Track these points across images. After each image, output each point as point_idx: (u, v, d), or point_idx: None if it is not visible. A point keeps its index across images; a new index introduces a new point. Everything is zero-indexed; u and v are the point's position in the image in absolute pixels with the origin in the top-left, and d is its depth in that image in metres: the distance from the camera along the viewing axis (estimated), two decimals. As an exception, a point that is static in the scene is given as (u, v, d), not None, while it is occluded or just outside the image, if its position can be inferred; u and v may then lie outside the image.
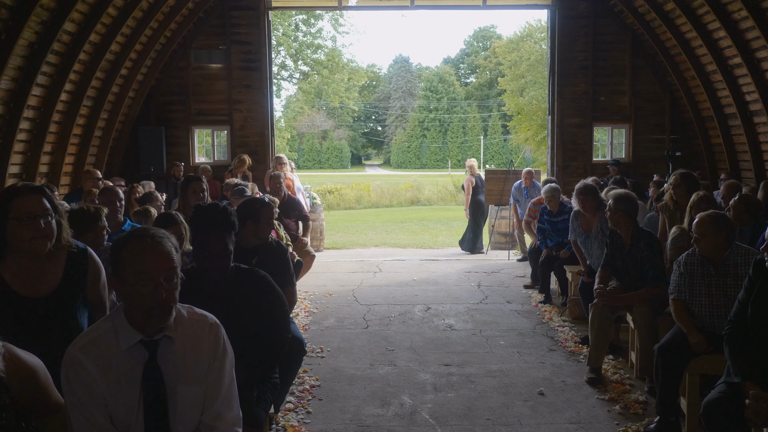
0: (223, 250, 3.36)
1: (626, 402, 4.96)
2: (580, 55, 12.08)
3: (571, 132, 12.23)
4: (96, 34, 9.55)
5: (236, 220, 3.53)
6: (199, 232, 3.40)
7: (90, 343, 2.36)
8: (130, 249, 2.36)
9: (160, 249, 2.37)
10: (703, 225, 4.34)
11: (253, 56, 12.11)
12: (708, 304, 4.40)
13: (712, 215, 4.37)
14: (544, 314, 7.63)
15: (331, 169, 65.81)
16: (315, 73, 31.43)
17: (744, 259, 4.29)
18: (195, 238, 3.45)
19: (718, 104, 10.89)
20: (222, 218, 3.39)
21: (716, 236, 4.29)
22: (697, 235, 4.37)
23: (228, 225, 3.41)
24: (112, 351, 2.36)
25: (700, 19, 10.12)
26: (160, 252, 2.37)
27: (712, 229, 4.30)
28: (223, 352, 2.55)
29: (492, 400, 5.07)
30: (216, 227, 3.37)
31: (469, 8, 13.46)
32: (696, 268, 4.47)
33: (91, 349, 2.35)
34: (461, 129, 70.12)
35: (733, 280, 4.28)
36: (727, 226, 4.33)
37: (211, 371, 2.51)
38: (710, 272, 4.39)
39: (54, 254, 3.10)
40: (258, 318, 3.43)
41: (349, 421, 4.69)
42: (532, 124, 36.09)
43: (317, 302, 8.29)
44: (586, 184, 6.89)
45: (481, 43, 76.26)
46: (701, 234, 4.34)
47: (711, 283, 4.38)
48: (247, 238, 4.74)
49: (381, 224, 19.05)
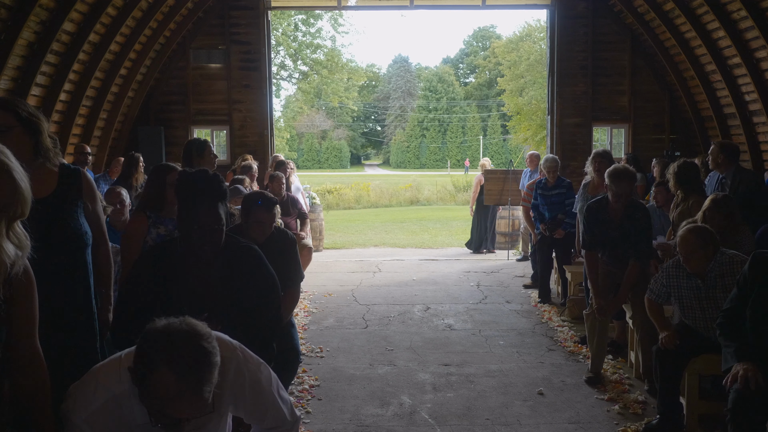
0: (216, 220, 2.93)
1: (625, 402, 4.96)
2: (579, 55, 12.08)
3: (571, 132, 12.23)
4: (95, 34, 9.55)
5: (227, 189, 3.13)
6: (187, 201, 2.95)
7: (98, 412, 2.05)
8: (159, 382, 1.93)
9: (196, 398, 1.95)
10: (688, 243, 4.26)
11: (253, 56, 12.10)
12: (702, 317, 4.38)
13: (694, 231, 4.31)
14: (544, 314, 7.64)
15: (331, 169, 65.79)
16: (314, 73, 31.42)
17: (729, 269, 4.22)
18: (182, 208, 2.99)
19: (717, 104, 10.89)
20: (212, 184, 2.98)
21: (704, 251, 4.24)
22: (684, 254, 4.30)
23: (220, 192, 3.00)
24: (127, 422, 2.09)
25: (699, 19, 10.12)
26: (194, 403, 1.96)
27: (698, 245, 4.24)
28: (254, 376, 2.34)
29: (491, 399, 5.07)
30: (206, 195, 2.94)
31: (469, 8, 13.45)
32: (682, 282, 4.43)
33: (98, 420, 2.06)
34: (460, 129, 70.13)
35: (722, 292, 4.22)
36: (712, 238, 4.28)
37: (251, 404, 2.35)
38: (698, 285, 4.35)
39: (44, 166, 3.17)
40: (249, 296, 3.08)
41: (348, 421, 4.70)
42: (531, 124, 36.07)
43: (316, 302, 8.29)
44: (605, 149, 6.92)
45: (481, 43, 76.26)
46: (689, 252, 4.26)
47: (701, 296, 4.34)
48: (259, 239, 4.41)
49: (380, 224, 19.05)
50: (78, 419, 2.05)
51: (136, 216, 4.33)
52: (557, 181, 8.07)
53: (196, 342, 1.96)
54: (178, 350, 1.93)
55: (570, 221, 7.81)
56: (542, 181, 8.19)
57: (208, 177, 2.97)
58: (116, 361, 2.16)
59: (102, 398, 2.06)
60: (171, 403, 1.92)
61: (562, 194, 8.00)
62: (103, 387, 2.09)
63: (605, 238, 5.44)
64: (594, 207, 5.49)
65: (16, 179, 2.00)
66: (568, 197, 7.93)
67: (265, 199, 4.44)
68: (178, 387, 1.90)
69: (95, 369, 2.19)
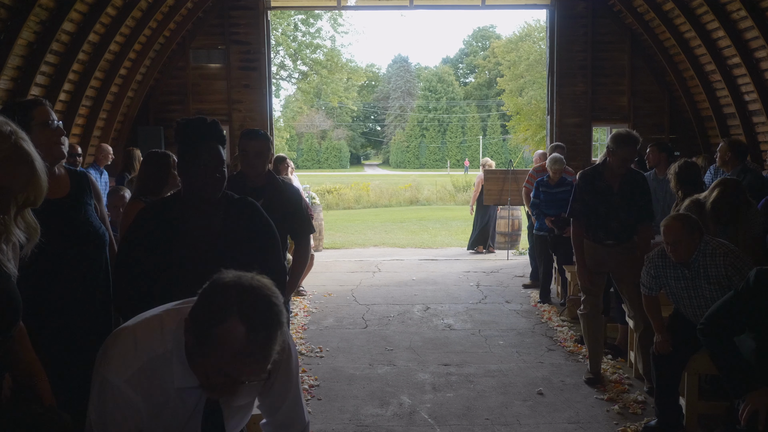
0: (218, 160, 2.86)
1: (625, 402, 4.96)
2: (579, 55, 12.08)
3: (570, 132, 12.22)
4: (95, 34, 9.55)
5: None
6: (188, 146, 2.88)
7: (140, 373, 1.88)
8: (228, 335, 1.77)
9: (262, 357, 1.81)
10: (675, 231, 4.23)
11: (252, 56, 12.10)
12: (690, 305, 4.37)
13: (679, 219, 4.29)
14: (543, 314, 7.64)
15: (330, 168, 65.82)
16: (314, 73, 31.44)
17: (712, 260, 4.19)
18: (182, 156, 2.89)
19: (717, 104, 10.89)
20: (212, 127, 2.90)
21: (690, 238, 4.21)
22: (671, 243, 4.26)
23: (220, 135, 2.92)
24: (165, 385, 1.92)
25: (699, 19, 10.11)
26: (259, 362, 1.81)
27: (684, 233, 4.22)
28: (288, 358, 2.15)
29: (491, 399, 5.07)
30: (207, 137, 2.87)
31: (468, 8, 13.43)
32: (669, 272, 4.41)
33: (140, 382, 1.89)
34: (460, 129, 70.18)
35: (706, 282, 4.21)
36: (698, 226, 4.26)
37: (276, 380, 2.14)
38: (684, 274, 4.32)
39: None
40: (249, 248, 2.97)
41: (348, 421, 4.70)
42: (531, 123, 36.12)
43: (316, 302, 8.29)
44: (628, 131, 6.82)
45: (480, 43, 76.34)
46: (676, 240, 4.23)
47: (689, 285, 4.32)
48: (250, 174, 4.28)
49: (380, 224, 19.05)
50: (118, 380, 1.86)
51: (133, 203, 4.39)
52: (560, 179, 8.08)
53: (268, 298, 1.81)
54: (252, 303, 1.79)
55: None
56: (544, 178, 8.19)
57: (208, 121, 2.92)
58: (155, 320, 1.97)
59: (143, 358, 1.89)
60: (234, 360, 1.77)
61: (566, 192, 7.99)
62: (143, 346, 1.91)
63: (600, 210, 5.29)
64: (589, 174, 5.37)
65: (36, 167, 2.03)
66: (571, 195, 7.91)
67: (249, 130, 4.40)
68: (248, 342, 1.75)
69: (130, 328, 1.97)
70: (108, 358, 1.91)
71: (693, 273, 4.27)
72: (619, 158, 5.15)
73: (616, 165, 5.20)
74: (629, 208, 5.26)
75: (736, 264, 4.12)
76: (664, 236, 4.29)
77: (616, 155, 5.16)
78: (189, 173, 2.86)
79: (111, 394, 1.87)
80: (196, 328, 1.81)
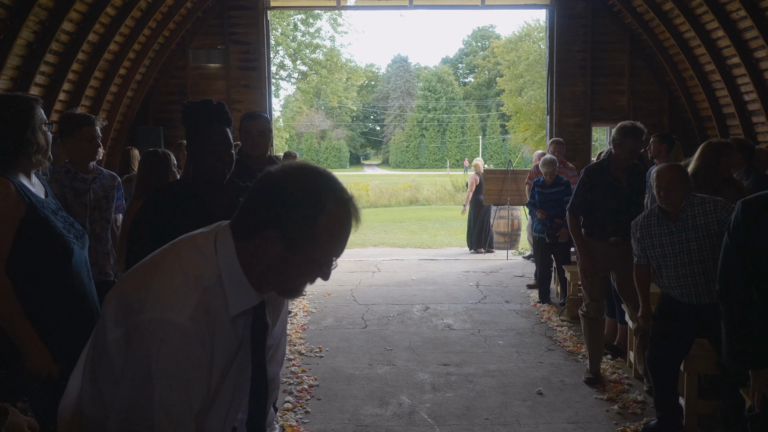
0: (227, 141, 2.86)
1: (624, 402, 4.97)
2: (578, 54, 12.08)
3: (570, 132, 12.22)
4: (94, 34, 9.54)
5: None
6: (198, 125, 2.87)
7: (200, 308, 1.59)
8: (332, 221, 1.64)
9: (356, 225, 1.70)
10: (670, 176, 4.21)
11: (252, 56, 12.10)
12: (675, 274, 4.27)
13: (674, 166, 4.30)
14: (543, 314, 7.64)
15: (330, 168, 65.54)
16: (313, 73, 31.44)
17: (702, 209, 4.17)
18: (190, 139, 2.90)
19: (716, 104, 10.89)
20: (219, 109, 2.90)
21: (683, 185, 4.18)
22: (665, 187, 4.21)
23: (227, 117, 2.92)
24: (219, 317, 1.66)
25: (698, 18, 10.12)
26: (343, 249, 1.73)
27: (679, 179, 4.19)
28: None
29: (490, 399, 5.07)
30: (215, 118, 2.87)
31: (468, 8, 13.43)
32: (654, 230, 4.35)
33: (202, 317, 1.60)
34: (460, 129, 70.20)
35: (693, 232, 4.17)
36: (689, 177, 4.26)
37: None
38: (671, 229, 4.27)
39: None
40: None
41: (347, 421, 4.69)
42: (530, 123, 36.10)
43: (316, 302, 8.29)
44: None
45: (480, 42, 76.33)
46: (670, 185, 4.19)
47: (673, 241, 4.25)
48: (253, 154, 4.35)
49: (379, 224, 19.05)
50: (182, 317, 1.56)
51: (134, 202, 4.50)
52: (555, 179, 8.13)
53: (322, 169, 1.70)
54: (327, 177, 1.66)
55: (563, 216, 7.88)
56: (540, 180, 8.26)
57: (215, 103, 2.93)
58: (193, 246, 1.69)
59: (198, 289, 1.62)
60: (342, 240, 1.67)
61: (560, 192, 8.03)
62: (195, 277, 1.63)
63: (611, 205, 5.24)
64: (596, 169, 5.33)
65: None
66: (566, 194, 7.94)
67: (251, 112, 4.54)
68: (351, 215, 1.66)
69: (168, 259, 1.67)
70: (157, 296, 1.58)
71: (680, 226, 4.23)
72: (627, 150, 5.15)
73: (624, 157, 5.19)
74: (639, 201, 5.28)
75: (728, 207, 4.10)
76: (658, 181, 4.25)
77: (624, 147, 5.15)
78: (197, 155, 2.85)
79: (177, 340, 1.55)
80: (293, 227, 1.60)
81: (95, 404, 1.65)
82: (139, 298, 1.59)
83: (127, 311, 1.59)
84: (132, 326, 1.56)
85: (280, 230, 1.60)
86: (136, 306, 1.58)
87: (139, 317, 1.56)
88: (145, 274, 1.66)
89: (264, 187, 1.63)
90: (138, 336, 1.55)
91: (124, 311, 1.59)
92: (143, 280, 1.63)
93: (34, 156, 2.78)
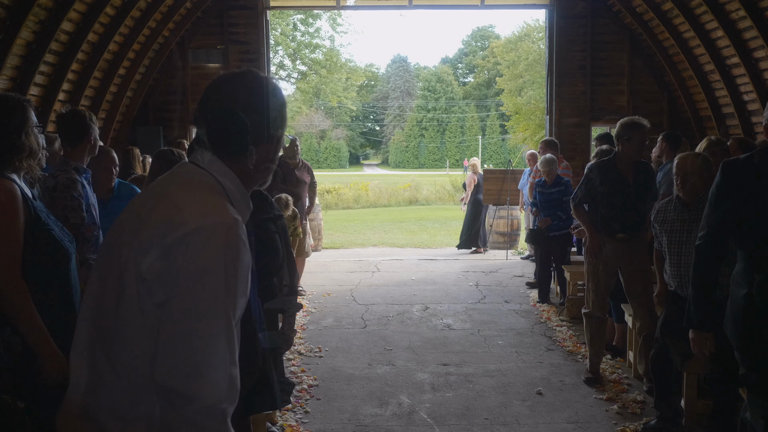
0: None
1: (624, 401, 4.96)
2: (578, 54, 12.08)
3: (569, 131, 12.23)
4: (94, 34, 9.55)
5: None
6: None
7: (240, 218, 1.64)
8: (278, 94, 1.79)
9: None
10: (688, 165, 4.22)
11: (251, 56, 12.09)
12: (677, 262, 4.32)
13: (696, 155, 4.31)
14: (542, 314, 7.64)
15: (329, 168, 65.73)
16: (313, 73, 31.45)
17: None
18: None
19: (716, 104, 10.89)
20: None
21: (701, 176, 4.19)
22: (681, 175, 4.24)
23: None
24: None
25: (697, 18, 10.12)
26: None
27: (698, 168, 4.19)
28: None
29: (490, 399, 5.07)
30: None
31: (467, 8, 13.44)
32: (669, 215, 4.41)
33: (243, 228, 1.63)
34: (459, 129, 70.14)
35: None
36: (711, 168, 4.21)
37: None
38: (684, 217, 4.31)
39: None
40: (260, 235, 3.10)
41: (347, 421, 4.69)
42: (530, 123, 36.12)
43: (315, 302, 8.28)
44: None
45: (480, 42, 76.28)
46: (686, 173, 4.21)
47: (683, 229, 4.29)
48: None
49: (379, 224, 19.04)
50: (229, 217, 1.58)
51: None
52: (555, 179, 8.12)
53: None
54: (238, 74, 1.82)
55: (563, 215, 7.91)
56: (542, 180, 8.25)
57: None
58: (186, 173, 1.72)
59: (222, 196, 1.67)
60: (285, 111, 1.85)
61: (561, 191, 8.04)
62: (211, 188, 1.67)
63: (617, 202, 5.23)
64: (603, 166, 5.30)
65: None
66: (566, 194, 7.95)
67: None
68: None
69: (174, 188, 1.66)
70: (194, 208, 1.57)
71: (693, 215, 4.26)
72: (636, 143, 5.14)
73: (633, 152, 5.17)
74: (646, 198, 5.29)
75: None
76: (677, 169, 4.29)
77: (633, 141, 5.13)
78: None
79: (234, 239, 1.56)
80: (266, 130, 1.73)
81: (120, 372, 1.59)
82: (174, 217, 1.56)
83: (163, 233, 1.55)
84: (176, 240, 1.53)
85: (259, 142, 1.73)
86: (175, 221, 1.55)
87: (185, 228, 1.54)
88: (159, 204, 1.63)
89: (231, 112, 1.68)
90: (188, 246, 1.53)
91: (159, 234, 1.55)
92: (165, 207, 1.60)
93: (26, 160, 2.75)
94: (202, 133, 1.73)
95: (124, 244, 1.61)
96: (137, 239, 1.58)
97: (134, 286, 1.56)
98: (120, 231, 1.67)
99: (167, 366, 1.51)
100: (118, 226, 1.71)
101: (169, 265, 1.53)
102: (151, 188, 1.76)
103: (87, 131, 3.98)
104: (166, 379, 1.51)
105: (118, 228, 1.70)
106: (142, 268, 1.55)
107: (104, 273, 1.65)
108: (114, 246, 1.65)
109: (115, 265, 1.61)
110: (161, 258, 1.54)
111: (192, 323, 1.51)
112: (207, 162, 1.71)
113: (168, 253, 1.53)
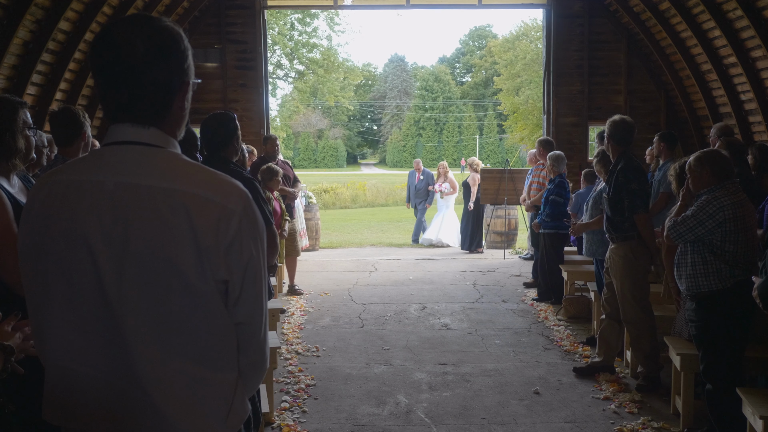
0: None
1: (621, 401, 4.97)
2: (575, 54, 12.09)
3: (567, 131, 12.24)
4: (91, 33, 9.52)
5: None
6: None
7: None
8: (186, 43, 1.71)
9: None
10: (692, 160, 4.23)
11: (249, 55, 12.09)
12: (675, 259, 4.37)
13: (704, 152, 4.31)
14: (540, 313, 7.65)
15: (327, 168, 65.70)
16: (310, 72, 31.42)
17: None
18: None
19: (713, 104, 10.91)
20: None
21: (701, 172, 4.15)
22: (687, 171, 4.29)
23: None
24: None
25: (695, 18, 10.13)
26: None
27: (697, 165, 4.17)
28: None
29: (487, 399, 5.07)
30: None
31: (465, 7, 13.45)
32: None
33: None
34: (457, 128, 70.13)
35: None
36: (709, 169, 4.14)
37: None
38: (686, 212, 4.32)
39: None
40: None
41: (344, 420, 4.70)
42: (527, 123, 36.16)
43: (313, 301, 8.28)
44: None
45: (477, 42, 76.27)
46: (690, 169, 4.22)
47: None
48: None
49: (376, 223, 19.04)
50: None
51: None
52: (556, 177, 8.08)
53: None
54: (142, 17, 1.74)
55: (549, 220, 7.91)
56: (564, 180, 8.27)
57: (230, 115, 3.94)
58: (158, 151, 1.61)
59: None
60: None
61: (549, 189, 8.05)
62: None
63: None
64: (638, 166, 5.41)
65: None
66: (551, 193, 7.95)
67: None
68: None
69: (179, 171, 1.58)
70: (220, 188, 1.56)
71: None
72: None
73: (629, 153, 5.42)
74: (625, 201, 5.32)
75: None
76: (688, 166, 4.29)
77: (628, 141, 5.43)
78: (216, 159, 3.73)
79: (256, 210, 1.62)
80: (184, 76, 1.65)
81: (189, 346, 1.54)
82: (210, 197, 1.53)
83: (223, 229, 1.53)
84: (226, 214, 1.53)
85: (177, 90, 1.63)
86: (218, 199, 1.53)
87: (230, 207, 1.53)
88: (193, 207, 1.52)
89: (150, 80, 1.57)
90: (234, 222, 1.53)
91: (196, 214, 1.51)
92: (193, 182, 1.54)
93: (11, 160, 2.72)
94: (119, 104, 1.58)
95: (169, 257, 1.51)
96: (170, 220, 1.51)
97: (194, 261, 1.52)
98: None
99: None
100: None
101: (222, 241, 1.52)
102: (142, 192, 1.54)
103: (80, 129, 3.96)
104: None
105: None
106: (203, 245, 1.51)
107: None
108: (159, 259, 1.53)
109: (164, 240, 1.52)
110: (215, 236, 1.52)
111: (254, 304, 1.62)
112: (151, 137, 1.59)
113: (223, 224, 1.52)
